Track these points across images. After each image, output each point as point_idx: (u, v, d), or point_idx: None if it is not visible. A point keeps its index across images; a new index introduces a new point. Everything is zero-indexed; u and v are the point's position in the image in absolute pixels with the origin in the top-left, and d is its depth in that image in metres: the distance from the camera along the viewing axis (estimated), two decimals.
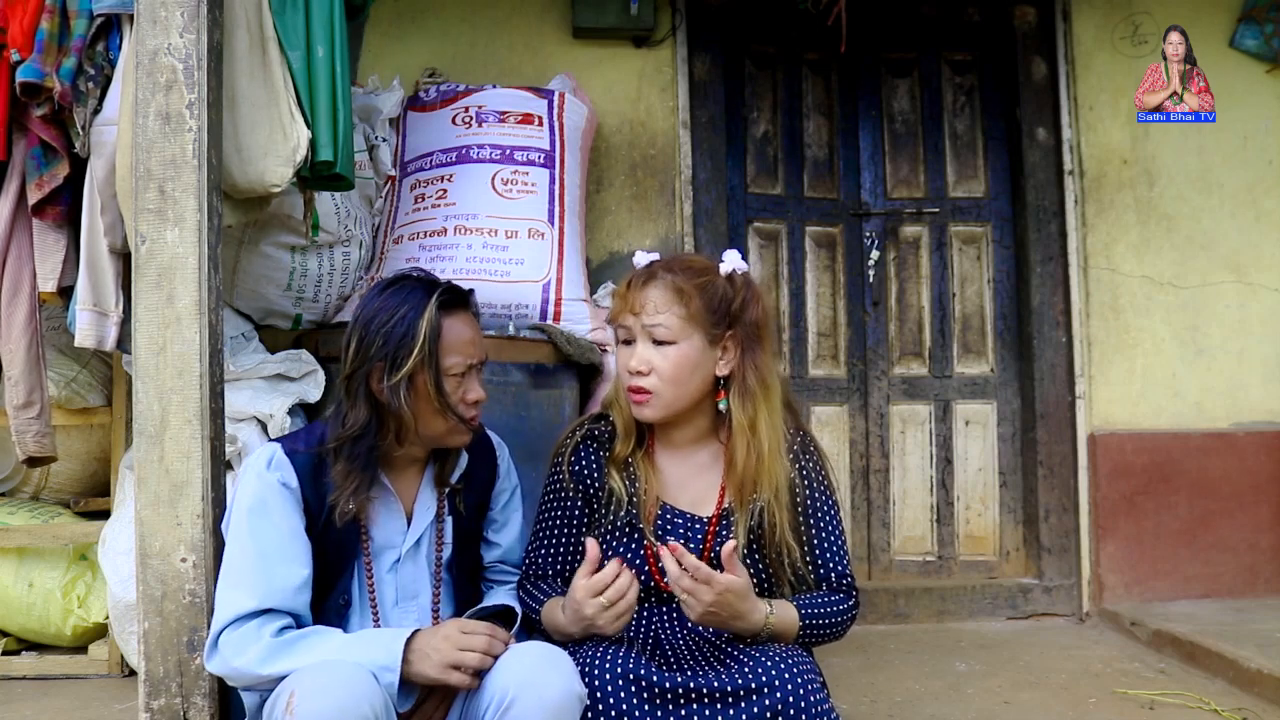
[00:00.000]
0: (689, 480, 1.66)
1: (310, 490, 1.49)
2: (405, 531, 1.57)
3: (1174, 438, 3.36)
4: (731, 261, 1.63)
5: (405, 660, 1.35)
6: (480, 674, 1.38)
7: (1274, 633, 2.80)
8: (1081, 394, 3.38)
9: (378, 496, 1.54)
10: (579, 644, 1.54)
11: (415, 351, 1.46)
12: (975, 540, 3.51)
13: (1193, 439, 3.37)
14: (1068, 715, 2.31)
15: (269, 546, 1.44)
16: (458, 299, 1.55)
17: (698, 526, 1.62)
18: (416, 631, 1.39)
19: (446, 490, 1.62)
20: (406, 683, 1.36)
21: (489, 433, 1.73)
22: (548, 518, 1.68)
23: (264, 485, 1.46)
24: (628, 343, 1.62)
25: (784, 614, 1.55)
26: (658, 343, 1.58)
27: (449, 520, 1.62)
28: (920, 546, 3.51)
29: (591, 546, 1.46)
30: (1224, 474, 3.35)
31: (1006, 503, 3.52)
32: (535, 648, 1.40)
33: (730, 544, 1.47)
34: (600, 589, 1.42)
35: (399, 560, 1.56)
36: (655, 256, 1.65)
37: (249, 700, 1.44)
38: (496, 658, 1.39)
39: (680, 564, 1.44)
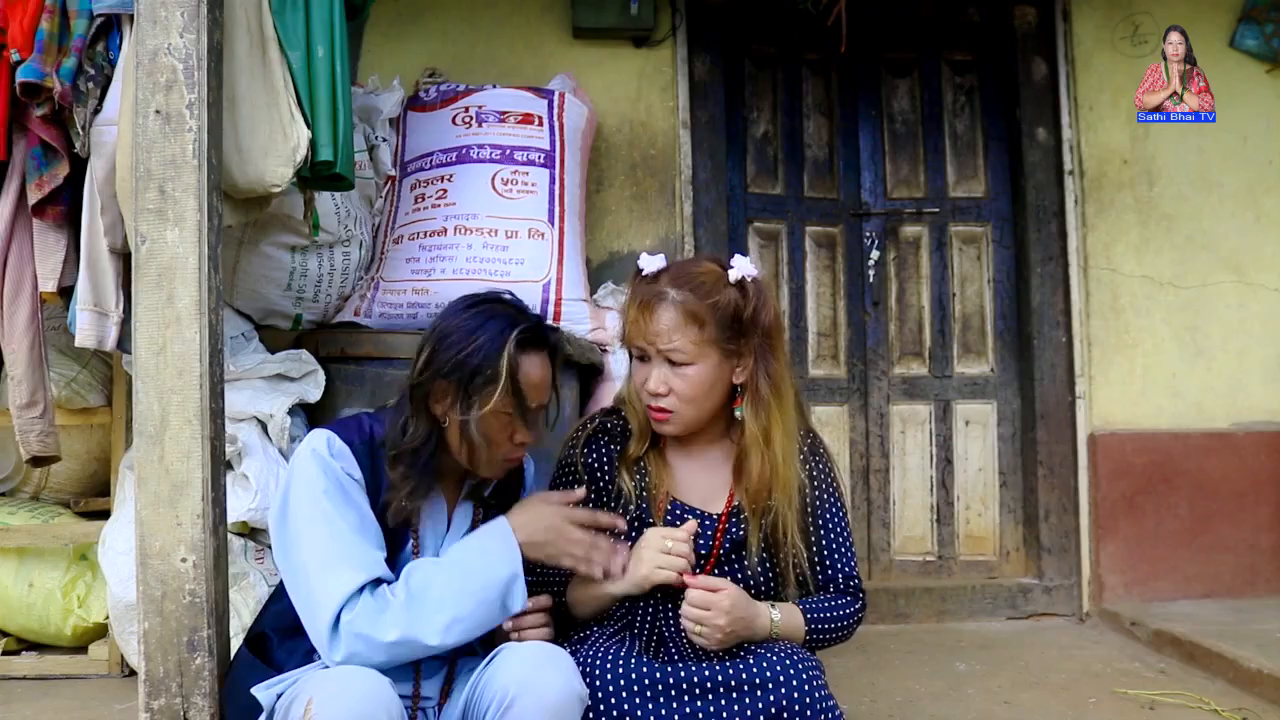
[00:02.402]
0: (700, 476, 1.66)
1: (369, 482, 1.48)
2: (445, 535, 1.57)
3: (1174, 438, 3.36)
4: (742, 268, 1.59)
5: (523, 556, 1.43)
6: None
7: (1274, 633, 2.80)
8: (1081, 394, 3.38)
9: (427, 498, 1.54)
10: (580, 643, 1.55)
11: (496, 394, 1.44)
12: (975, 540, 3.51)
13: (1193, 439, 3.37)
14: (1068, 715, 2.31)
15: (356, 524, 1.43)
16: (538, 338, 1.51)
17: (708, 523, 1.62)
18: (509, 522, 1.46)
19: (482, 500, 1.62)
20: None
21: None
22: None
23: (333, 470, 1.44)
24: (642, 359, 1.59)
25: (790, 618, 1.56)
26: (674, 364, 1.56)
27: None
28: (920, 546, 3.51)
29: (690, 525, 1.56)
30: (1224, 474, 3.35)
31: (1006, 503, 3.51)
32: (535, 647, 1.41)
33: (699, 580, 1.51)
34: (671, 536, 1.51)
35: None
36: (660, 260, 1.61)
37: (264, 698, 1.43)
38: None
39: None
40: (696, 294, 1.55)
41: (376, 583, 1.40)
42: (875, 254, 3.54)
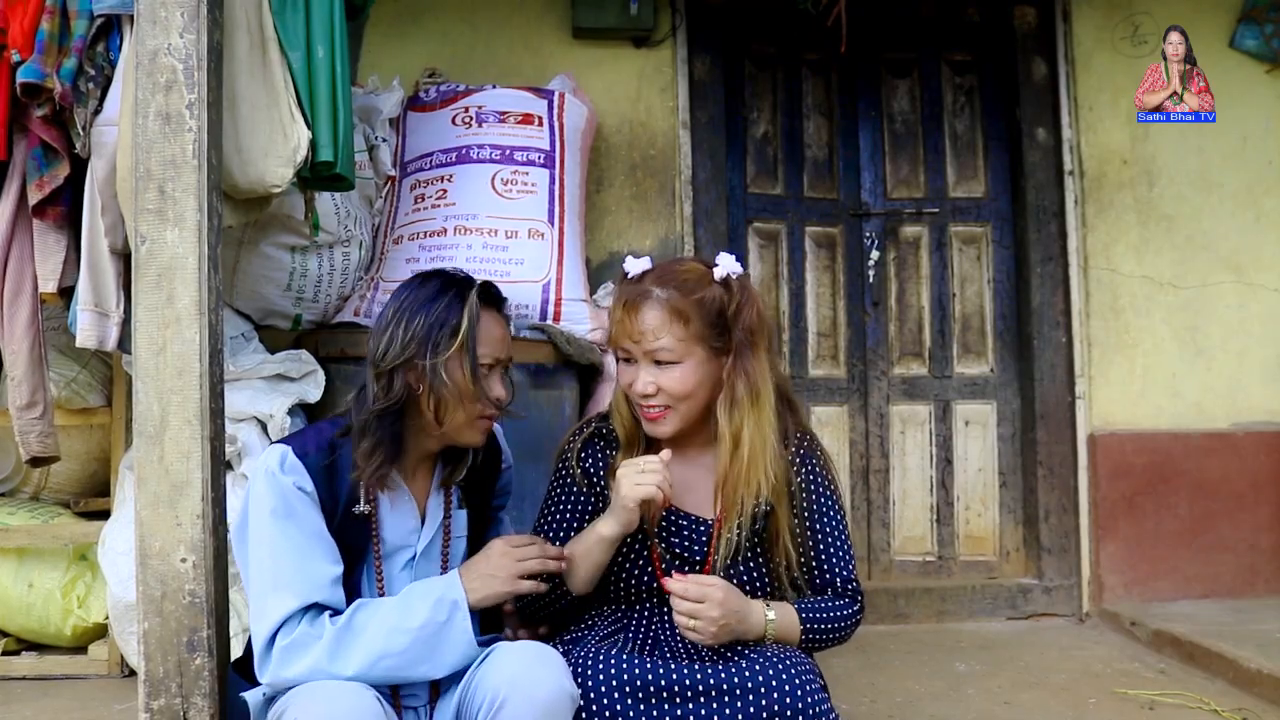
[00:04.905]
0: (694, 483, 1.65)
1: (325, 492, 1.47)
2: (419, 530, 1.56)
3: (1174, 438, 3.36)
4: (726, 266, 1.60)
5: (467, 593, 1.43)
6: (548, 578, 1.53)
7: (1274, 633, 2.80)
8: (1081, 394, 3.38)
9: (393, 495, 1.53)
10: (573, 643, 1.55)
11: (458, 337, 1.46)
12: (975, 540, 3.51)
13: (1192, 439, 3.37)
14: (1068, 715, 2.31)
15: (301, 545, 1.42)
16: (495, 297, 1.56)
17: (702, 529, 1.62)
18: (460, 569, 1.47)
19: (455, 486, 1.61)
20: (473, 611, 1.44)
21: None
22: (556, 509, 1.67)
23: (283, 488, 1.44)
24: (629, 361, 1.59)
25: (785, 617, 1.55)
26: (660, 363, 1.55)
27: (459, 515, 1.62)
28: (920, 547, 3.51)
29: (666, 453, 1.55)
30: (1224, 474, 3.35)
31: (1006, 503, 3.52)
32: (527, 647, 1.41)
33: (675, 579, 1.50)
34: (644, 461, 1.52)
35: (414, 559, 1.55)
36: (646, 263, 1.61)
37: (252, 701, 1.44)
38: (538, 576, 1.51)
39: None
40: (680, 291, 1.55)
41: (320, 608, 1.40)
42: (875, 254, 3.55)
